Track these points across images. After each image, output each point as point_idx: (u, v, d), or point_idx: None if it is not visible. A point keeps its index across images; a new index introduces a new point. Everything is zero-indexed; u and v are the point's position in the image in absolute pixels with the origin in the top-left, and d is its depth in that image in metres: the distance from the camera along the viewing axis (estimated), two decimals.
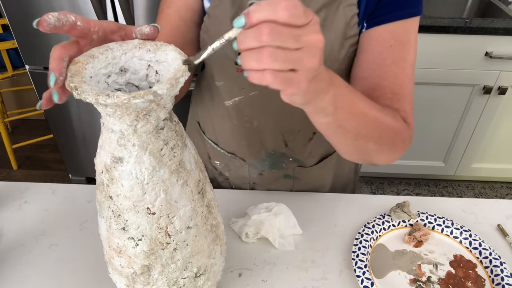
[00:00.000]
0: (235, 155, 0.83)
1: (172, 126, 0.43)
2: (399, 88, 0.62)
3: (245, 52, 0.37)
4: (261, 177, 0.85)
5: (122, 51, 0.42)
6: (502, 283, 0.64)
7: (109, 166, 0.42)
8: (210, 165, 0.88)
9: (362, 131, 0.54)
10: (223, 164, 0.86)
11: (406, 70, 0.63)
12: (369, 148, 0.57)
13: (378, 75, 0.63)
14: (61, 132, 1.96)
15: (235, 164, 0.84)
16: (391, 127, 0.58)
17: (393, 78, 0.62)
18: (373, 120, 0.55)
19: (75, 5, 1.56)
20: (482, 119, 1.92)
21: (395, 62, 0.62)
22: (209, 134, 0.85)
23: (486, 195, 2.18)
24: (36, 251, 0.69)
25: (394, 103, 0.62)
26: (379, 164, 0.64)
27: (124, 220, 0.44)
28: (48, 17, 0.37)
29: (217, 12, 0.66)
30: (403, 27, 0.62)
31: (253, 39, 0.35)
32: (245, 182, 0.87)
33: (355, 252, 0.67)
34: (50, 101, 0.40)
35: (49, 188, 0.82)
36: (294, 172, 0.84)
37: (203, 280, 0.52)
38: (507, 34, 1.63)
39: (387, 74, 0.62)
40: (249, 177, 0.86)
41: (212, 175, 0.89)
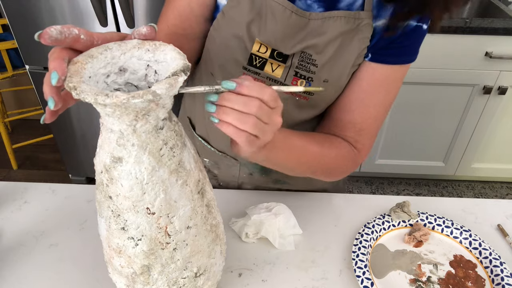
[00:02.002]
0: (226, 154, 0.83)
1: (171, 126, 0.43)
2: (368, 126, 0.70)
3: (227, 109, 0.46)
4: (251, 177, 0.85)
5: (121, 51, 0.42)
6: (502, 283, 0.64)
7: (108, 166, 0.42)
8: None
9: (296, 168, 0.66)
10: (212, 162, 0.86)
11: (381, 113, 0.70)
12: (306, 174, 0.69)
13: (357, 112, 0.69)
14: (61, 132, 1.96)
15: (225, 163, 0.84)
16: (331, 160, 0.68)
17: (367, 118, 0.70)
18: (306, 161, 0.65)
19: (75, 5, 1.56)
20: (482, 119, 1.92)
21: (376, 105, 0.69)
22: (200, 131, 0.84)
23: (486, 195, 2.18)
24: (36, 251, 0.69)
25: (358, 136, 0.71)
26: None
27: (124, 220, 0.44)
28: (50, 30, 0.37)
29: (233, 13, 0.65)
30: (396, 73, 0.68)
31: (244, 105, 0.46)
32: (234, 181, 0.87)
33: (355, 252, 0.67)
34: (53, 114, 0.41)
35: (49, 188, 0.82)
36: (283, 176, 0.83)
37: (203, 280, 0.52)
38: (507, 34, 1.63)
39: (364, 114, 0.70)
40: (238, 176, 0.86)
41: None
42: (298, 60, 0.66)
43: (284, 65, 0.67)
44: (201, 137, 0.84)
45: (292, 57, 0.66)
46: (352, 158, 0.71)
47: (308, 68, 0.66)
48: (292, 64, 0.66)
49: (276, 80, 0.68)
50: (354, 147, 0.71)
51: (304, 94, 0.69)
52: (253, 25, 0.64)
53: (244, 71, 0.69)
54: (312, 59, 0.66)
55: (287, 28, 0.64)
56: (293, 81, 0.68)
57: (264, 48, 0.66)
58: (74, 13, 1.58)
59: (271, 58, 0.66)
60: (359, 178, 2.29)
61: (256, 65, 0.67)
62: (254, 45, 0.66)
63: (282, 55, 0.66)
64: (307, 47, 0.65)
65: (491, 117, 1.91)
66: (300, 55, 0.66)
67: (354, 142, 0.71)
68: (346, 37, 0.64)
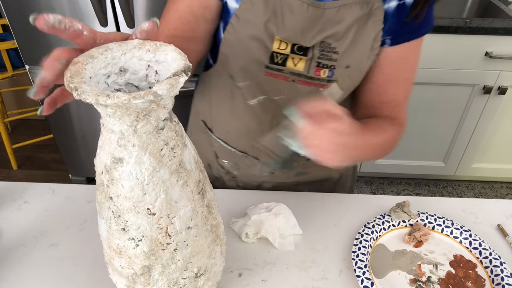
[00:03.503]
0: (247, 154, 0.83)
1: (172, 126, 0.43)
2: (400, 101, 0.76)
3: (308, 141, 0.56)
4: (272, 175, 0.85)
5: (122, 52, 0.42)
6: (502, 283, 0.64)
7: (109, 167, 0.42)
8: (216, 164, 0.88)
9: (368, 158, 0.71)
10: (232, 163, 0.86)
11: (408, 87, 0.75)
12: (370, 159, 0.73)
13: (386, 92, 0.74)
14: (61, 132, 1.96)
15: (245, 163, 0.84)
16: (388, 143, 0.72)
17: (397, 95, 0.75)
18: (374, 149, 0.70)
19: (75, 5, 1.56)
20: (482, 119, 1.92)
21: (401, 82, 0.74)
22: (218, 133, 0.84)
23: (486, 195, 2.18)
24: (36, 251, 0.69)
25: (394, 113, 0.76)
26: None
27: (124, 220, 0.44)
28: (47, 16, 0.37)
29: (248, 15, 0.66)
30: (414, 46, 0.71)
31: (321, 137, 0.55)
32: (254, 180, 0.87)
33: (355, 252, 0.67)
34: (51, 105, 0.41)
35: (49, 188, 0.82)
36: (304, 167, 0.84)
37: (203, 280, 0.52)
38: (507, 34, 1.63)
39: (393, 92, 0.75)
40: (259, 175, 0.86)
41: (217, 174, 0.89)
42: (319, 50, 0.67)
43: (305, 58, 0.67)
44: (219, 139, 0.84)
45: (312, 48, 0.67)
46: (399, 134, 0.75)
47: (329, 57, 0.67)
48: (313, 55, 0.67)
49: (299, 74, 0.69)
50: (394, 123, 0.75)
51: (328, 83, 0.70)
52: (270, 23, 0.65)
53: (267, 70, 0.69)
54: (332, 47, 0.67)
55: (304, 21, 0.65)
56: (316, 71, 0.69)
57: (284, 45, 0.67)
58: (74, 13, 1.58)
59: (292, 53, 0.67)
60: (359, 178, 2.29)
61: (277, 62, 0.68)
62: (274, 43, 0.66)
63: (302, 48, 0.67)
64: (326, 37, 0.66)
65: (491, 117, 1.91)
66: (320, 45, 0.67)
67: (393, 119, 0.75)
68: (361, 22, 0.66)
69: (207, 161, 0.89)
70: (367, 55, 0.69)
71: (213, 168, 0.89)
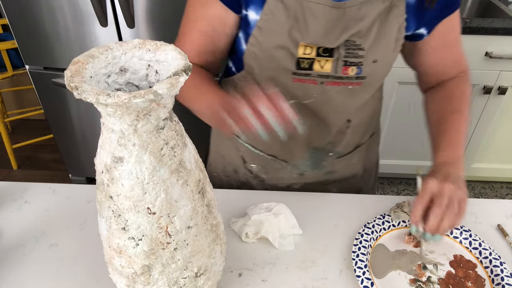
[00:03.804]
0: (276, 157, 0.83)
1: (172, 126, 0.43)
2: (458, 59, 0.80)
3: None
4: (301, 177, 0.85)
5: (122, 51, 0.42)
6: (502, 283, 0.64)
7: (109, 166, 0.42)
8: (243, 168, 0.88)
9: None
10: (260, 166, 0.86)
11: (460, 46, 0.79)
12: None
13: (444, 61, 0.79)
14: (61, 132, 1.96)
15: (274, 166, 0.84)
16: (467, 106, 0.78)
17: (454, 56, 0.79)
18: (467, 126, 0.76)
19: (75, 5, 1.56)
20: (482, 119, 1.92)
21: (453, 47, 0.78)
22: (246, 138, 0.84)
23: (486, 195, 2.18)
24: (36, 251, 0.69)
25: (458, 69, 0.80)
26: None
27: (125, 220, 0.44)
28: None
29: (270, 26, 0.66)
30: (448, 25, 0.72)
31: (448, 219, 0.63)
32: (283, 183, 0.87)
33: (355, 252, 0.67)
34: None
35: (49, 188, 0.82)
36: (333, 166, 0.85)
37: (203, 280, 0.52)
38: (507, 34, 1.63)
39: (450, 57, 0.79)
40: (289, 177, 0.86)
41: (244, 178, 0.89)
42: (344, 49, 0.67)
43: (332, 59, 0.68)
44: (247, 143, 0.84)
45: (338, 48, 0.67)
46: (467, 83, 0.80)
47: (356, 54, 0.68)
48: (339, 55, 0.68)
49: (327, 75, 0.69)
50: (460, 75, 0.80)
51: (357, 80, 0.70)
52: (294, 31, 0.65)
53: (294, 76, 0.70)
54: (357, 45, 0.67)
55: (327, 24, 0.65)
56: (343, 70, 0.69)
57: (309, 49, 0.67)
58: (74, 13, 1.58)
59: (317, 56, 0.67)
60: None
61: (304, 67, 0.69)
62: (299, 49, 0.67)
63: (327, 50, 0.67)
64: (351, 35, 0.66)
65: (491, 117, 1.91)
66: (345, 44, 0.67)
67: (458, 73, 0.80)
68: (383, 15, 0.66)
69: (233, 167, 0.89)
70: (393, 47, 0.69)
71: (240, 173, 0.89)
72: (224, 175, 0.92)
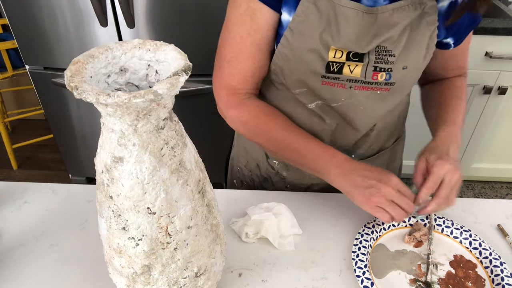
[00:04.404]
0: None
1: (172, 126, 0.43)
2: (463, 65, 0.84)
3: None
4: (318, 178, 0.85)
5: (122, 51, 0.42)
6: (502, 283, 0.64)
7: (109, 166, 0.42)
8: (266, 163, 0.88)
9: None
10: (282, 163, 0.85)
11: (467, 52, 0.83)
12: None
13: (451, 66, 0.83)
14: (61, 132, 1.96)
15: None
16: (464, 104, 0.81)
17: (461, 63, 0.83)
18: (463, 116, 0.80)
19: (75, 5, 1.56)
20: (482, 119, 1.92)
21: (463, 55, 0.82)
22: None
23: (486, 195, 2.18)
24: (36, 251, 0.69)
25: (460, 72, 0.84)
26: None
27: (125, 220, 0.44)
28: None
29: (302, 28, 0.66)
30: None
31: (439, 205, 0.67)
32: (302, 183, 0.87)
33: (355, 252, 0.67)
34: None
35: (49, 188, 0.82)
36: None
37: (203, 280, 0.52)
38: (507, 34, 1.63)
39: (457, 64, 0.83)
40: (309, 177, 0.85)
41: (266, 174, 0.89)
42: (374, 55, 0.67)
43: (361, 64, 0.68)
44: None
45: (368, 54, 0.67)
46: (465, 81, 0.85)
47: (386, 60, 0.67)
48: (369, 60, 0.67)
49: (356, 80, 0.69)
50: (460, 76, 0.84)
51: (386, 86, 0.70)
52: (325, 34, 0.65)
53: (323, 79, 0.69)
54: (388, 51, 0.67)
55: (359, 29, 0.64)
56: (373, 75, 0.69)
57: (339, 53, 0.67)
58: (74, 13, 1.58)
59: (347, 61, 0.67)
60: None
61: (334, 70, 0.68)
62: (330, 52, 0.66)
63: (358, 55, 0.67)
64: (381, 41, 0.66)
65: (491, 117, 1.91)
66: (376, 49, 0.67)
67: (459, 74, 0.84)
68: (415, 22, 0.66)
69: (256, 161, 0.89)
70: (424, 54, 0.69)
71: (262, 168, 0.89)
72: (247, 169, 0.92)
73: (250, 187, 0.94)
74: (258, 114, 0.75)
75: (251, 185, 0.93)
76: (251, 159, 0.90)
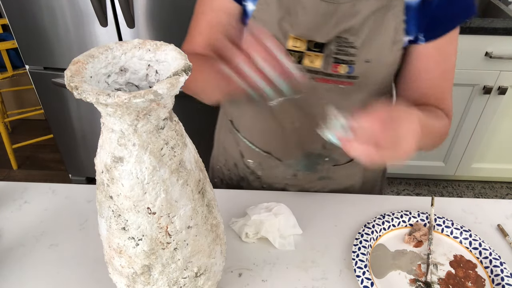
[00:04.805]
0: (271, 154, 0.83)
1: (172, 126, 0.43)
2: (442, 94, 0.73)
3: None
4: (295, 178, 0.85)
5: (122, 51, 0.42)
6: (502, 283, 0.64)
7: (109, 166, 0.42)
8: (242, 163, 0.88)
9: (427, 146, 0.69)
10: (256, 163, 0.86)
11: (448, 78, 0.72)
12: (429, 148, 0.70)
13: (425, 87, 0.72)
14: (61, 132, 1.96)
15: (269, 164, 0.84)
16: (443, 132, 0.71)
17: (437, 88, 0.72)
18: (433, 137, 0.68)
19: (75, 5, 1.56)
20: (482, 119, 1.92)
21: (440, 75, 0.71)
22: (244, 133, 0.84)
23: (486, 195, 2.18)
24: (36, 251, 0.69)
25: (439, 105, 0.72)
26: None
27: (125, 220, 0.44)
28: None
29: (263, 15, 0.67)
30: (448, 38, 0.68)
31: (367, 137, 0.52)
32: (277, 182, 0.87)
33: (355, 252, 0.67)
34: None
35: (49, 188, 0.82)
36: (328, 172, 0.84)
37: (203, 280, 0.52)
38: (507, 34, 1.63)
39: (433, 86, 0.72)
40: (283, 177, 0.85)
41: (243, 173, 0.89)
42: (335, 46, 0.66)
43: (322, 55, 0.67)
44: (245, 139, 0.85)
45: (329, 44, 0.66)
46: (448, 124, 0.73)
47: (347, 52, 0.66)
48: (330, 51, 0.67)
49: (317, 71, 0.69)
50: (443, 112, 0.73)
51: (348, 79, 0.69)
52: (284, 22, 0.65)
53: None
54: (349, 42, 0.66)
55: (318, 17, 0.64)
56: (333, 67, 0.68)
57: (299, 42, 0.66)
58: (74, 13, 1.58)
59: (308, 51, 0.67)
60: None
61: (294, 60, 0.68)
62: (289, 41, 0.66)
63: (318, 45, 0.66)
64: (342, 31, 0.65)
65: (491, 117, 1.91)
66: (337, 40, 0.66)
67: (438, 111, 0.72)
68: (378, 14, 0.65)
69: (233, 160, 0.89)
70: (389, 48, 0.67)
71: (239, 168, 0.89)
72: (226, 168, 0.92)
73: (229, 186, 0.94)
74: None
75: (230, 184, 0.94)
76: (229, 158, 0.90)
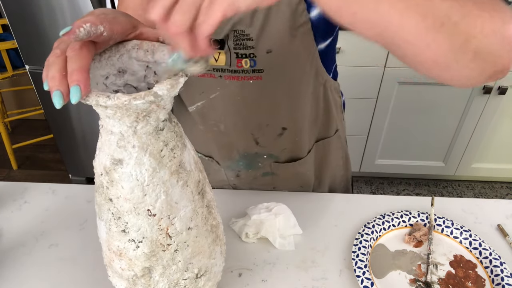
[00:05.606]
0: (212, 158, 0.83)
1: (171, 127, 0.43)
2: None
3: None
4: (238, 178, 0.84)
5: (120, 53, 0.42)
6: (502, 283, 0.64)
7: (108, 168, 0.42)
8: None
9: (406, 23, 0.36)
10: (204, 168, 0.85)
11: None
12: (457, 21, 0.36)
13: None
14: (61, 132, 1.96)
15: (213, 168, 0.84)
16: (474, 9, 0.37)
17: None
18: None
19: (75, 5, 1.56)
20: (482, 119, 1.92)
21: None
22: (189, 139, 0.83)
23: (486, 195, 2.18)
24: (36, 251, 0.69)
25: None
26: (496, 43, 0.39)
27: (125, 222, 0.44)
28: (79, 30, 0.35)
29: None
30: None
31: None
32: (225, 185, 0.87)
33: (355, 252, 0.67)
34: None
35: (49, 188, 0.82)
36: (271, 168, 0.82)
37: (203, 280, 0.52)
38: None
39: None
40: (227, 180, 0.85)
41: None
42: (233, 41, 0.64)
43: (223, 51, 0.65)
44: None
45: (227, 40, 0.64)
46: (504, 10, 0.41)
47: (245, 45, 0.64)
48: (229, 47, 0.64)
49: (223, 69, 0.67)
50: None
51: (254, 73, 0.66)
52: None
53: None
54: (245, 34, 0.63)
55: None
56: (237, 63, 0.65)
57: None
58: (74, 13, 1.58)
59: None
60: (359, 178, 2.29)
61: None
62: None
63: (217, 42, 0.64)
64: (235, 24, 0.62)
65: (491, 117, 1.91)
66: (234, 34, 0.63)
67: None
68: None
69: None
70: (290, 33, 0.63)
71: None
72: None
73: None
74: None
75: None
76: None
